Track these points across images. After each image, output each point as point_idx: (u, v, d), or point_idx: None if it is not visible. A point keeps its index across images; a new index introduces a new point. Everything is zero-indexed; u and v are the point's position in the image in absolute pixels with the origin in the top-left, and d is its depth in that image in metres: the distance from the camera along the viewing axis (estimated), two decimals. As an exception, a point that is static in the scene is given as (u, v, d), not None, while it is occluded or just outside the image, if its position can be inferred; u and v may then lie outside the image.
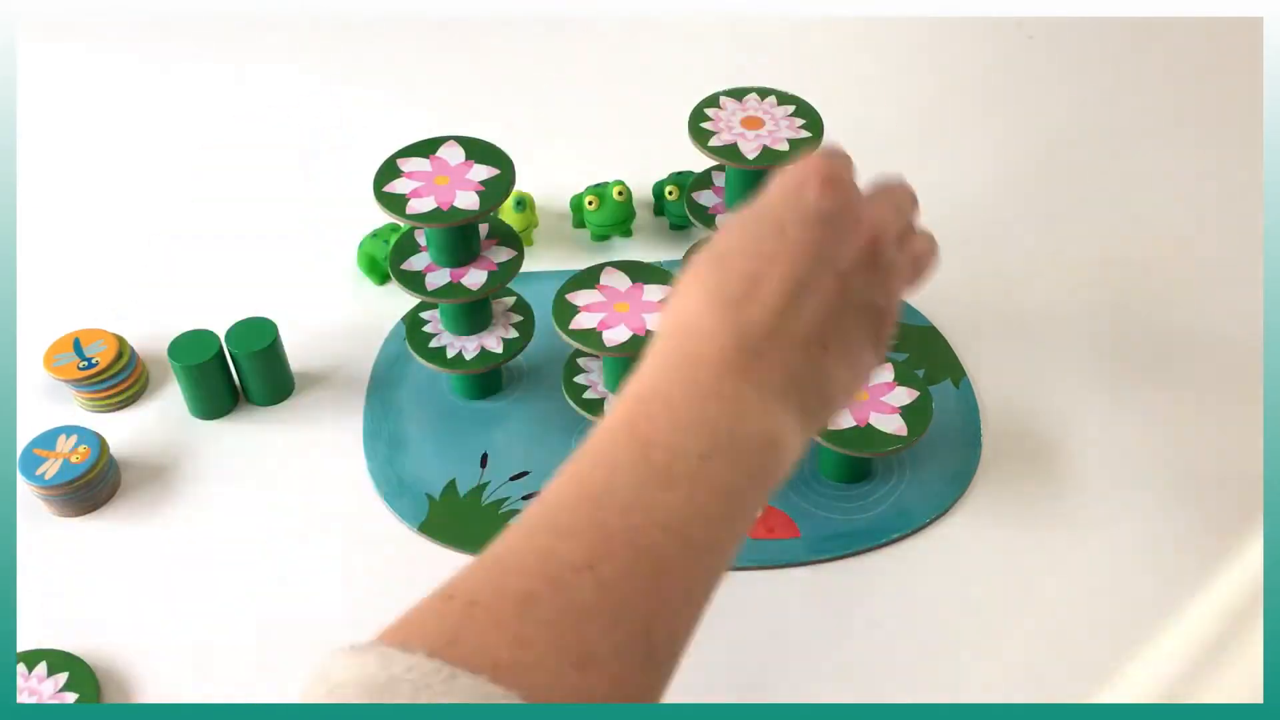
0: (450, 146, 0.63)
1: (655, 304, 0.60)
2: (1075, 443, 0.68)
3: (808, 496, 0.65)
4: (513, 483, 0.66)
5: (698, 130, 0.63)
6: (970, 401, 0.70)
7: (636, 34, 0.97)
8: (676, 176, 0.80)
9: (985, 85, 0.95)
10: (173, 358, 0.67)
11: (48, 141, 0.91)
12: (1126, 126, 0.91)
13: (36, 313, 0.76)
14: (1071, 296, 0.77)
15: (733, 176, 0.65)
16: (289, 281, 0.78)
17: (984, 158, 0.88)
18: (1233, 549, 0.63)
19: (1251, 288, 0.76)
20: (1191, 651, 0.59)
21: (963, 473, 0.66)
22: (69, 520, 0.64)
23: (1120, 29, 1.00)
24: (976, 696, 0.57)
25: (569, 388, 0.63)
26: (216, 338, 0.68)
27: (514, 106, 0.93)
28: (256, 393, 0.69)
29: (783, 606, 0.61)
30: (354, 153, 0.83)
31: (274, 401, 0.70)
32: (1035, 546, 0.63)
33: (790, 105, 0.66)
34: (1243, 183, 0.84)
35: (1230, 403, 0.69)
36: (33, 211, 0.84)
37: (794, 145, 0.62)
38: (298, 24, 1.01)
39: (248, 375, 0.69)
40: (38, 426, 0.66)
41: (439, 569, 0.62)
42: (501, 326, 0.67)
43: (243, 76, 0.97)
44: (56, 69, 0.98)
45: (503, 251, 0.65)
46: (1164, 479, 0.66)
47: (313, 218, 0.83)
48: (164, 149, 0.90)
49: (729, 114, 0.64)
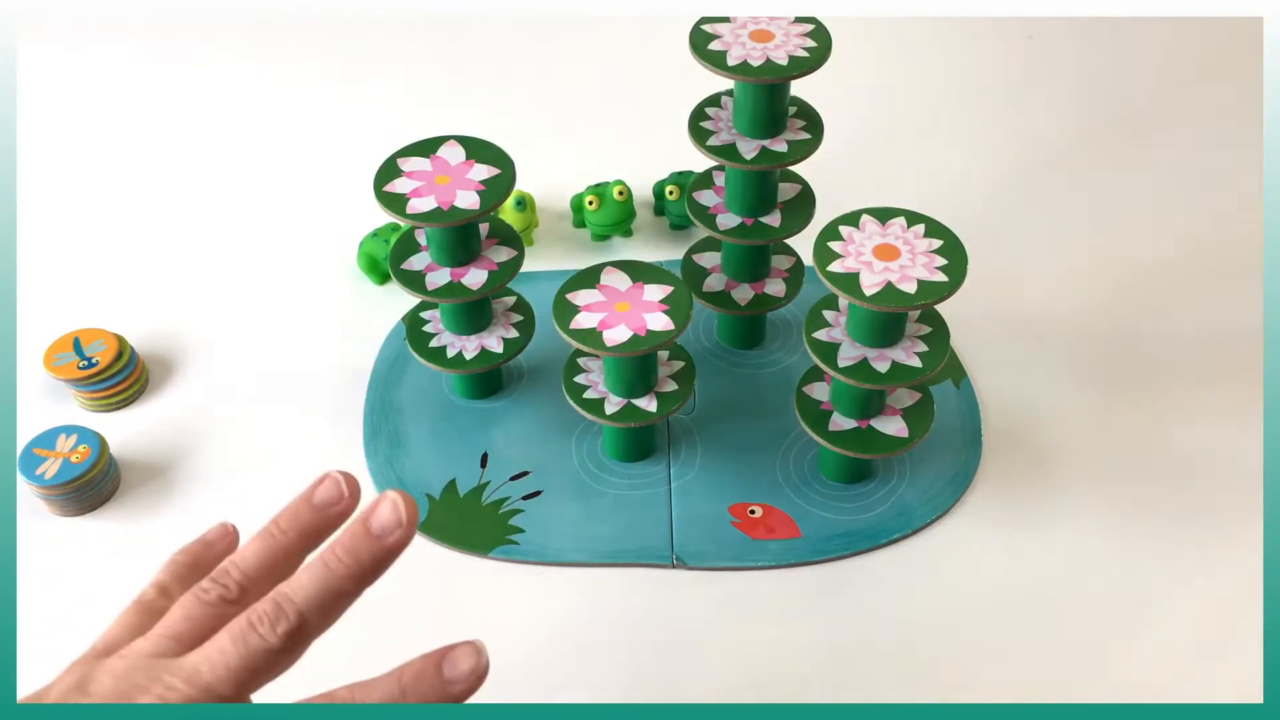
0: (450, 146, 0.63)
1: (655, 304, 0.60)
2: (1075, 443, 0.68)
3: (808, 496, 0.65)
4: (513, 483, 0.66)
5: (698, 130, 0.63)
6: (970, 402, 0.70)
7: (636, 34, 0.97)
8: (676, 176, 0.80)
9: (985, 85, 0.95)
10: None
11: (48, 141, 0.91)
12: (1126, 126, 0.91)
13: (36, 312, 0.76)
14: (1072, 297, 0.77)
15: (732, 176, 0.65)
16: (289, 281, 0.78)
17: (984, 157, 0.88)
18: (1233, 549, 0.63)
19: (1251, 288, 0.76)
20: (1191, 651, 0.59)
21: (963, 473, 0.66)
22: (69, 520, 0.64)
23: (1120, 29, 1.00)
24: (977, 696, 0.57)
25: (569, 388, 0.63)
26: None
27: (514, 106, 0.93)
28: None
29: (783, 606, 0.61)
30: (354, 153, 0.83)
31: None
32: (1035, 546, 0.63)
33: (790, 106, 0.66)
34: (1243, 183, 0.85)
35: (1230, 403, 0.69)
36: (33, 211, 0.84)
37: (793, 146, 0.62)
38: (298, 24, 1.01)
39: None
40: (38, 426, 0.66)
41: (439, 569, 0.63)
42: (501, 326, 0.67)
43: (243, 76, 0.97)
44: (56, 69, 0.98)
45: (503, 251, 0.65)
46: (1164, 479, 0.66)
47: (313, 218, 0.84)
48: (164, 149, 0.90)
49: (729, 114, 0.64)
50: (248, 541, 0.42)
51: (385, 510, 0.40)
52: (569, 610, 0.61)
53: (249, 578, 0.41)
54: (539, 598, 0.61)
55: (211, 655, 0.38)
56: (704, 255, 0.71)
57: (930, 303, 0.55)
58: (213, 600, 0.40)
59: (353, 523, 0.40)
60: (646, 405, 0.62)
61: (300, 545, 0.42)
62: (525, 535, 0.63)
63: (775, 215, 0.66)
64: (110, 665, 0.38)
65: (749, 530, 0.63)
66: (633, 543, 0.63)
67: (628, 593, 0.61)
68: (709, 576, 0.62)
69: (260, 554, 0.41)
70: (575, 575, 0.62)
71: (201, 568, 0.44)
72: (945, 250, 0.57)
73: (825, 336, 0.60)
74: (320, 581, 0.39)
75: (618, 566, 0.62)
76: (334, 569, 0.39)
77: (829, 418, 0.62)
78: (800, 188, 0.67)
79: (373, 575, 0.40)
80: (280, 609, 0.39)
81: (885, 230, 0.58)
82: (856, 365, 0.58)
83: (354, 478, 0.43)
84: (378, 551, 0.40)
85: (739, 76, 0.58)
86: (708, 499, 0.65)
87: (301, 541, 0.42)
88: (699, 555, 0.62)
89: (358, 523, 0.40)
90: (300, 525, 0.42)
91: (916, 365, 0.58)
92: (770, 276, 0.69)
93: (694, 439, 0.68)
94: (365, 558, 0.40)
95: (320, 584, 0.39)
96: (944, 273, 0.56)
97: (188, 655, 0.38)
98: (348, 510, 0.43)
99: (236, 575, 0.41)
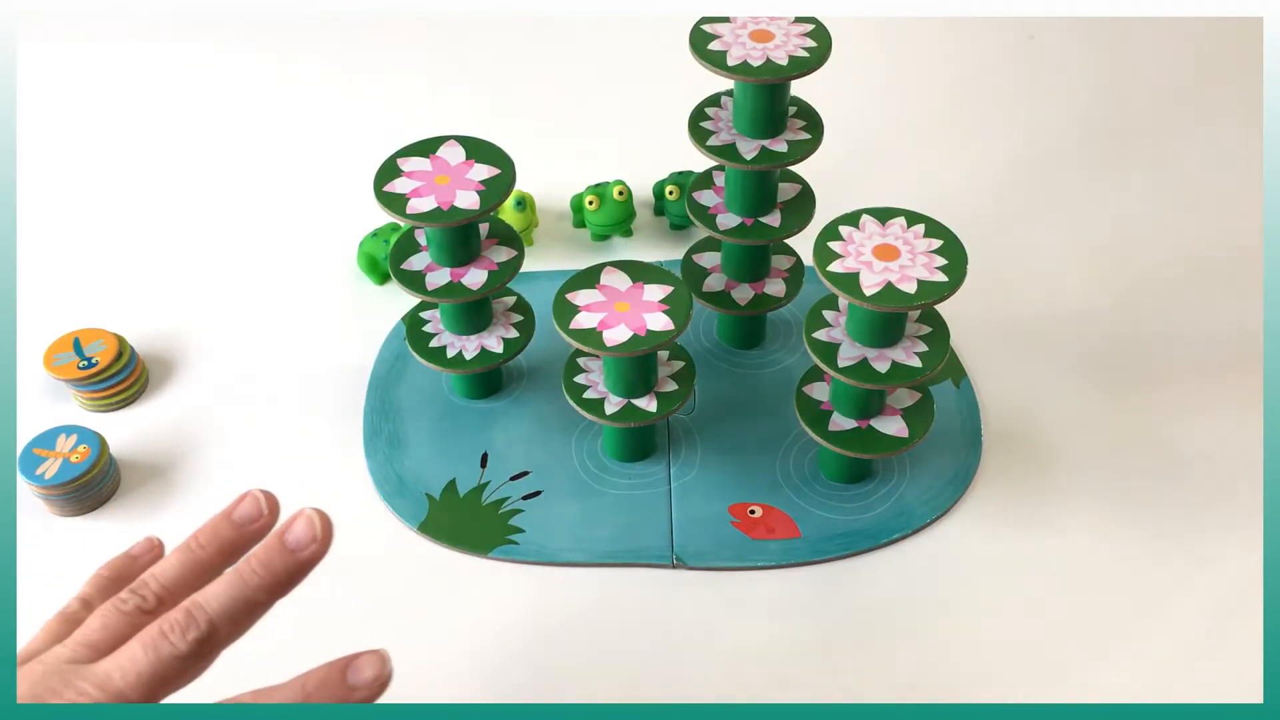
0: (450, 146, 0.63)
1: (655, 304, 0.60)
2: (1075, 443, 0.68)
3: (808, 496, 0.65)
4: (513, 483, 0.66)
5: (698, 130, 0.63)
6: (970, 402, 0.70)
7: (636, 34, 0.97)
8: (676, 176, 0.80)
9: (985, 85, 0.95)
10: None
11: (48, 141, 0.91)
12: (1126, 126, 0.91)
13: (36, 312, 0.76)
14: (1072, 297, 0.77)
15: (732, 176, 0.65)
16: (289, 281, 0.78)
17: (983, 157, 0.88)
18: (1233, 549, 0.63)
19: (1251, 288, 0.76)
20: (1191, 651, 0.59)
21: (963, 473, 0.66)
22: (69, 520, 0.64)
23: (1120, 29, 1.00)
24: (977, 696, 0.57)
25: (569, 388, 0.63)
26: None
27: (514, 106, 0.93)
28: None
29: (783, 606, 0.61)
30: (354, 153, 0.83)
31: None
32: (1035, 546, 0.63)
33: (790, 106, 0.65)
34: (1243, 183, 0.85)
35: (1230, 403, 0.69)
36: (33, 211, 0.84)
37: (793, 146, 0.62)
38: (298, 23, 1.01)
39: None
40: (38, 426, 0.66)
41: (439, 569, 0.63)
42: (501, 326, 0.67)
43: (243, 76, 0.97)
44: (56, 68, 0.98)
45: (503, 251, 0.65)
46: (1164, 479, 0.66)
47: (313, 218, 0.84)
48: (164, 148, 0.90)
49: (729, 114, 0.64)
50: (168, 555, 0.43)
51: (300, 526, 0.42)
52: (569, 610, 0.61)
53: (166, 589, 0.42)
54: (539, 598, 0.61)
55: (123, 662, 0.39)
56: (704, 255, 0.71)
57: (930, 303, 0.55)
58: (130, 610, 0.42)
59: (270, 537, 0.42)
60: (646, 405, 0.62)
61: (219, 560, 0.43)
62: (525, 535, 0.63)
63: (775, 215, 0.66)
64: (28, 670, 0.40)
65: (749, 530, 0.63)
66: (633, 543, 0.63)
67: (628, 593, 0.61)
68: (709, 576, 0.62)
69: (179, 567, 0.43)
70: (575, 575, 0.62)
71: (124, 581, 0.45)
72: (945, 250, 0.57)
73: (825, 336, 0.60)
74: (234, 591, 0.41)
75: (618, 566, 0.62)
76: (248, 580, 0.41)
77: (829, 418, 0.62)
78: (800, 188, 0.67)
79: (286, 587, 0.41)
80: (191, 617, 0.40)
81: (885, 230, 0.58)
82: (856, 365, 0.58)
83: (274, 496, 0.44)
84: (291, 565, 0.41)
85: (739, 76, 0.58)
86: (708, 499, 0.65)
87: (220, 556, 0.43)
88: (699, 555, 0.62)
89: (274, 537, 0.42)
90: (219, 541, 0.43)
91: (916, 365, 0.58)
92: (770, 276, 0.69)
93: (694, 439, 0.68)
94: (279, 570, 0.41)
95: (234, 594, 0.41)
96: (944, 273, 0.56)
97: (101, 662, 0.40)
98: (266, 528, 0.44)
99: (154, 586, 0.42)
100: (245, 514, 0.44)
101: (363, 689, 0.40)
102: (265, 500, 0.44)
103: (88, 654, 0.41)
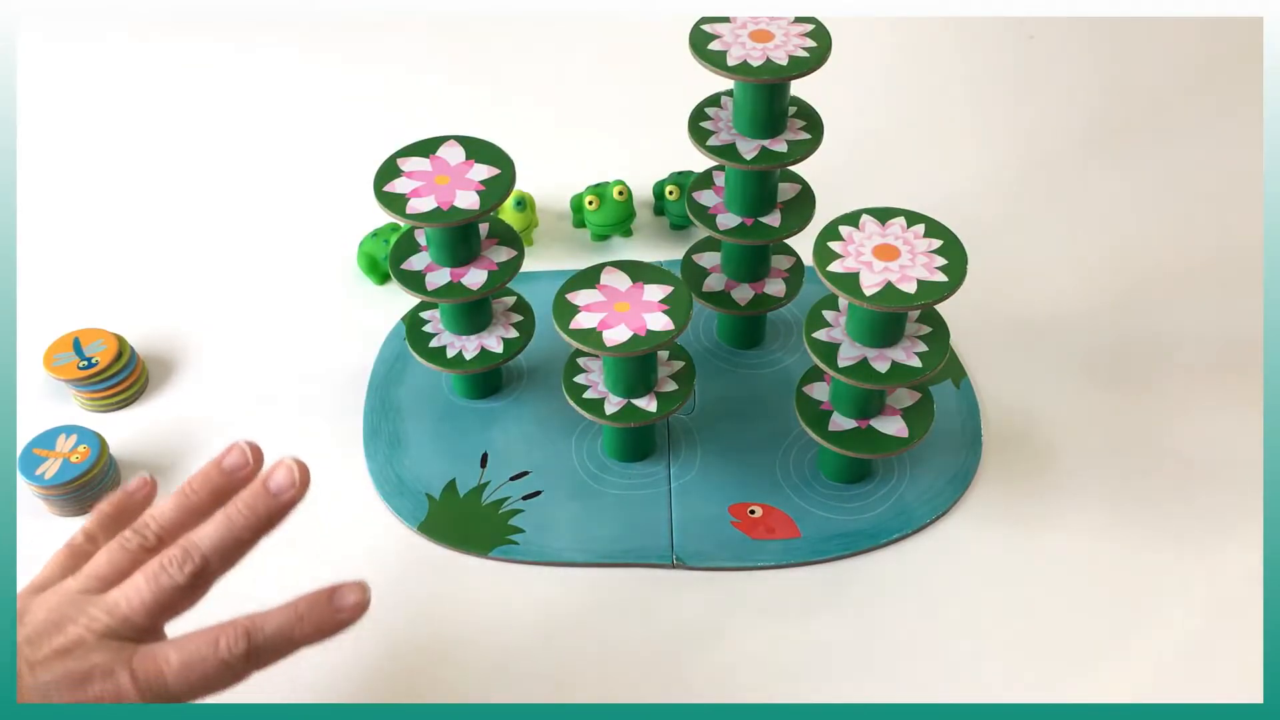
0: (450, 146, 0.63)
1: (655, 304, 0.60)
2: (1075, 443, 0.68)
3: (808, 496, 0.65)
4: (513, 483, 0.66)
5: (698, 130, 0.63)
6: (970, 402, 0.70)
7: (636, 34, 0.97)
8: (676, 176, 0.80)
9: (985, 85, 0.95)
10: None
11: (48, 141, 0.91)
12: (1127, 126, 0.91)
13: (36, 312, 0.76)
14: (1072, 296, 0.77)
15: (732, 176, 0.65)
16: (289, 281, 0.78)
17: (984, 157, 0.88)
18: (1233, 548, 0.63)
19: (1251, 288, 0.76)
20: (1192, 650, 0.59)
21: (963, 473, 0.66)
22: (69, 520, 0.64)
23: (1120, 29, 1.00)
24: (977, 696, 0.57)
25: (569, 388, 0.63)
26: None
27: (514, 106, 0.93)
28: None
29: (783, 606, 0.61)
30: (354, 153, 0.83)
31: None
32: (1035, 546, 0.63)
33: (790, 106, 0.66)
34: (1243, 183, 0.84)
35: (1230, 403, 0.69)
36: (33, 211, 0.84)
37: (793, 146, 0.62)
38: (298, 23, 1.01)
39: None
40: (38, 426, 0.66)
41: (438, 569, 0.63)
42: (501, 326, 0.67)
43: (243, 76, 0.97)
44: (56, 67, 0.98)
45: (503, 251, 0.65)
46: (1164, 479, 0.66)
47: (313, 218, 0.84)
48: (164, 148, 0.90)
49: (729, 114, 0.64)
50: (165, 499, 0.48)
51: (281, 473, 0.47)
52: (569, 610, 0.61)
53: (165, 529, 0.47)
54: (539, 598, 0.61)
55: (129, 592, 0.45)
56: (704, 255, 0.71)
57: (930, 303, 0.55)
58: (133, 548, 0.47)
59: (254, 483, 0.47)
60: (646, 405, 0.62)
61: (210, 503, 0.48)
62: (525, 535, 0.63)
63: (775, 215, 0.66)
64: (44, 599, 0.45)
65: (749, 530, 0.63)
66: (633, 543, 0.63)
67: (628, 593, 0.61)
68: (709, 576, 0.62)
69: (175, 510, 0.48)
70: (575, 575, 0.62)
71: (124, 516, 0.50)
72: (945, 250, 0.57)
73: (825, 336, 0.60)
74: (222, 530, 0.46)
75: (618, 566, 0.62)
76: (235, 520, 0.46)
77: (829, 418, 0.62)
78: (800, 188, 0.67)
79: (268, 527, 0.47)
80: (187, 553, 0.45)
81: (885, 230, 0.58)
82: (856, 365, 0.58)
83: (259, 447, 0.49)
84: (273, 506, 0.47)
85: (739, 76, 0.58)
86: (707, 499, 0.65)
87: (211, 500, 0.48)
88: (699, 555, 0.62)
89: (257, 482, 0.47)
90: (210, 486, 0.48)
91: (916, 365, 0.58)
92: (770, 276, 0.69)
93: (694, 439, 0.68)
94: (262, 511, 0.46)
95: (222, 532, 0.46)
96: (944, 273, 0.56)
97: (109, 592, 0.45)
98: (251, 475, 0.49)
99: (154, 527, 0.47)
100: (233, 462, 0.49)
101: (345, 612, 0.45)
102: (250, 450, 0.49)
103: (97, 585, 0.46)
